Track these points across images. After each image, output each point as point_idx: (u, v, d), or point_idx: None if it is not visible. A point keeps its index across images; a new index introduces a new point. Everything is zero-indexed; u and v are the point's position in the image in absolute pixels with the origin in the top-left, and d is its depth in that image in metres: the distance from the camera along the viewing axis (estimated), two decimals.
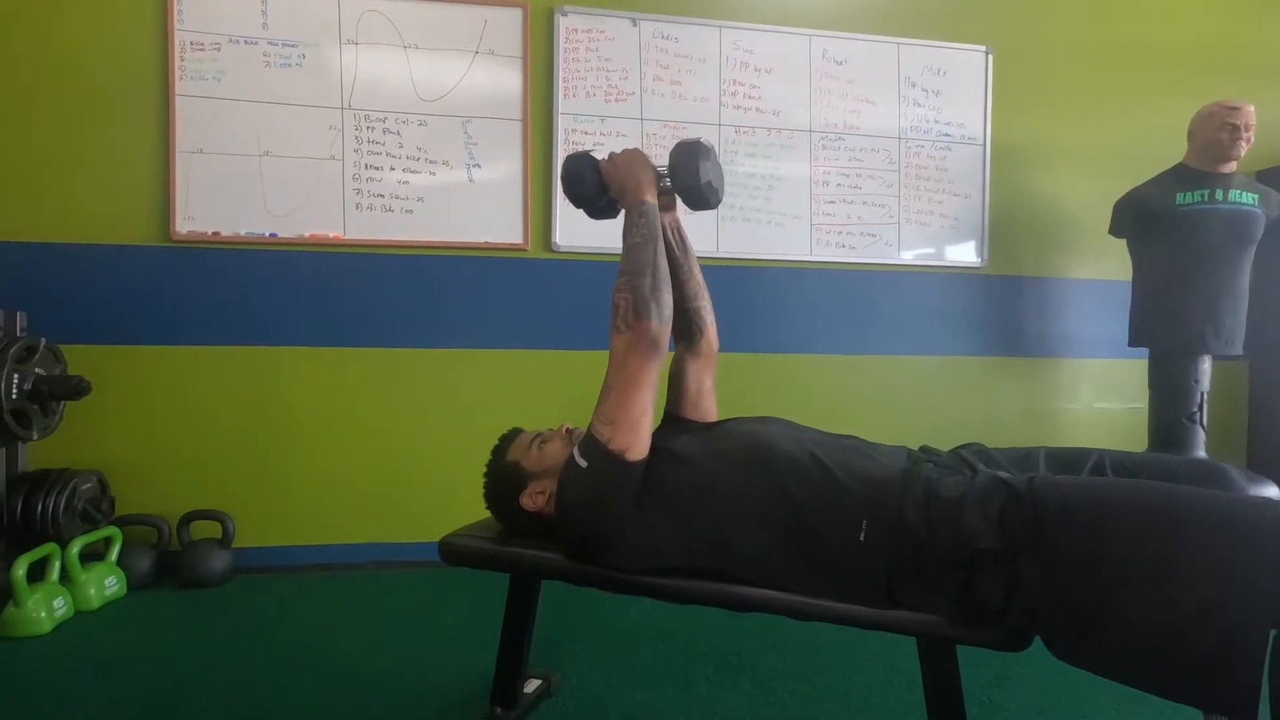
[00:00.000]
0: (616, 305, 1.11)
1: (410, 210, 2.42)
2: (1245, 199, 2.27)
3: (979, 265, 2.79)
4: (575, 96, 2.51)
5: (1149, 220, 2.34)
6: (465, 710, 1.43)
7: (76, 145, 2.26)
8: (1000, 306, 2.83)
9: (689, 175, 1.21)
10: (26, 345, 1.98)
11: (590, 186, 1.27)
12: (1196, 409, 2.25)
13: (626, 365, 1.09)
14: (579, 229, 2.44)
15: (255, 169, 2.33)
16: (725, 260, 2.58)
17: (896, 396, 2.74)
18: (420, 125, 2.42)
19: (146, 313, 2.29)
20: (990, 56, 2.76)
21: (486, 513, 1.29)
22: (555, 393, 2.43)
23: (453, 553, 1.24)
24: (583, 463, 1.09)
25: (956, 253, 2.78)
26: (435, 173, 2.43)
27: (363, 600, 2.09)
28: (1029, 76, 2.80)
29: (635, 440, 1.08)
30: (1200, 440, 2.25)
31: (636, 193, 1.20)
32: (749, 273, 2.62)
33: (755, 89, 2.62)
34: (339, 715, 1.43)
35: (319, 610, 2.00)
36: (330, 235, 2.38)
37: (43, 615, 1.81)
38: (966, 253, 2.79)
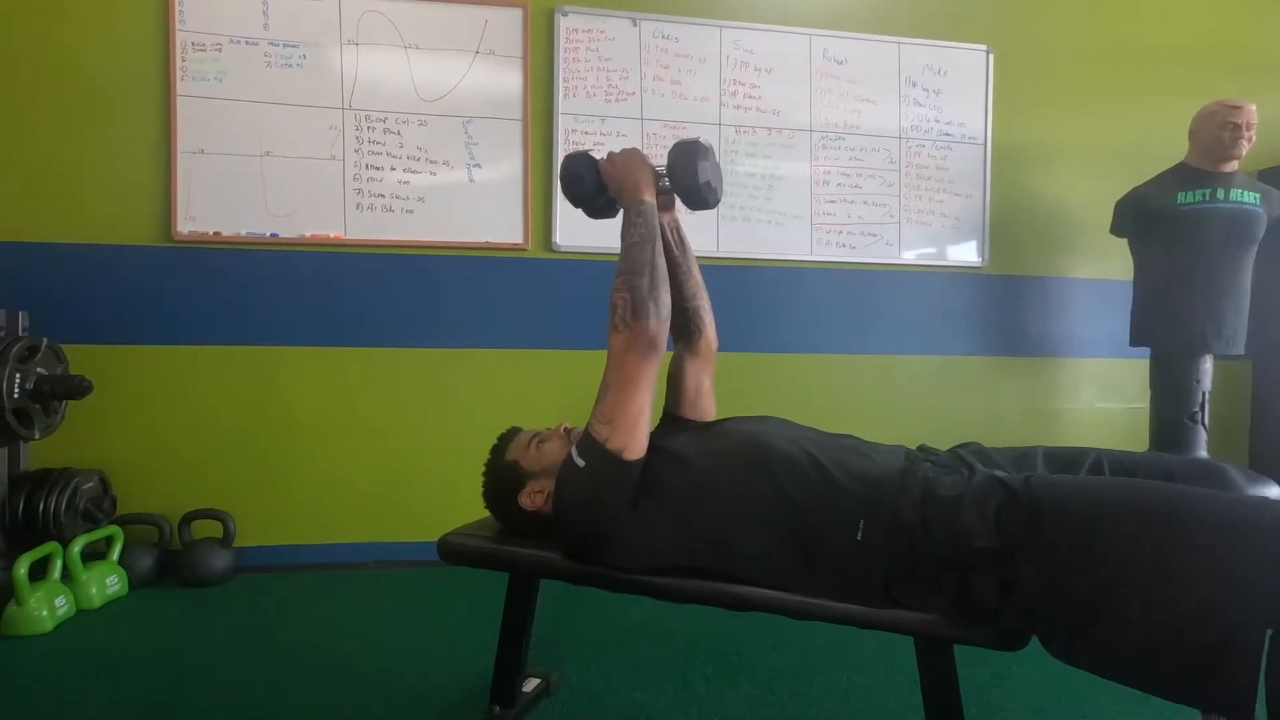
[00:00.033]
0: (614, 305, 1.11)
1: (411, 210, 2.42)
2: (1247, 198, 2.26)
3: (980, 265, 2.79)
4: (575, 96, 2.51)
5: (1150, 220, 2.33)
6: (465, 710, 1.43)
7: (78, 146, 2.27)
8: (1001, 306, 2.83)
9: (687, 175, 1.21)
10: (29, 345, 1.99)
11: (589, 186, 1.27)
12: (1198, 409, 2.25)
13: (624, 364, 1.09)
14: (579, 229, 2.44)
15: (256, 169, 2.33)
16: (725, 260, 2.58)
17: (897, 396, 2.74)
18: (421, 125, 2.42)
19: (148, 312, 2.30)
20: (991, 56, 2.76)
21: (487, 512, 1.29)
22: (555, 393, 2.43)
23: (451, 551, 1.24)
24: (580, 462, 1.09)
25: (957, 252, 2.78)
26: (436, 173, 2.43)
27: (363, 599, 2.09)
28: (1030, 76, 2.79)
29: (633, 439, 1.08)
30: (1202, 440, 2.24)
31: (635, 192, 1.20)
32: (749, 272, 2.62)
33: (755, 89, 2.62)
34: (339, 714, 1.43)
35: (319, 609, 2.01)
36: (331, 235, 2.38)
37: (44, 614, 1.81)
38: (967, 252, 2.79)
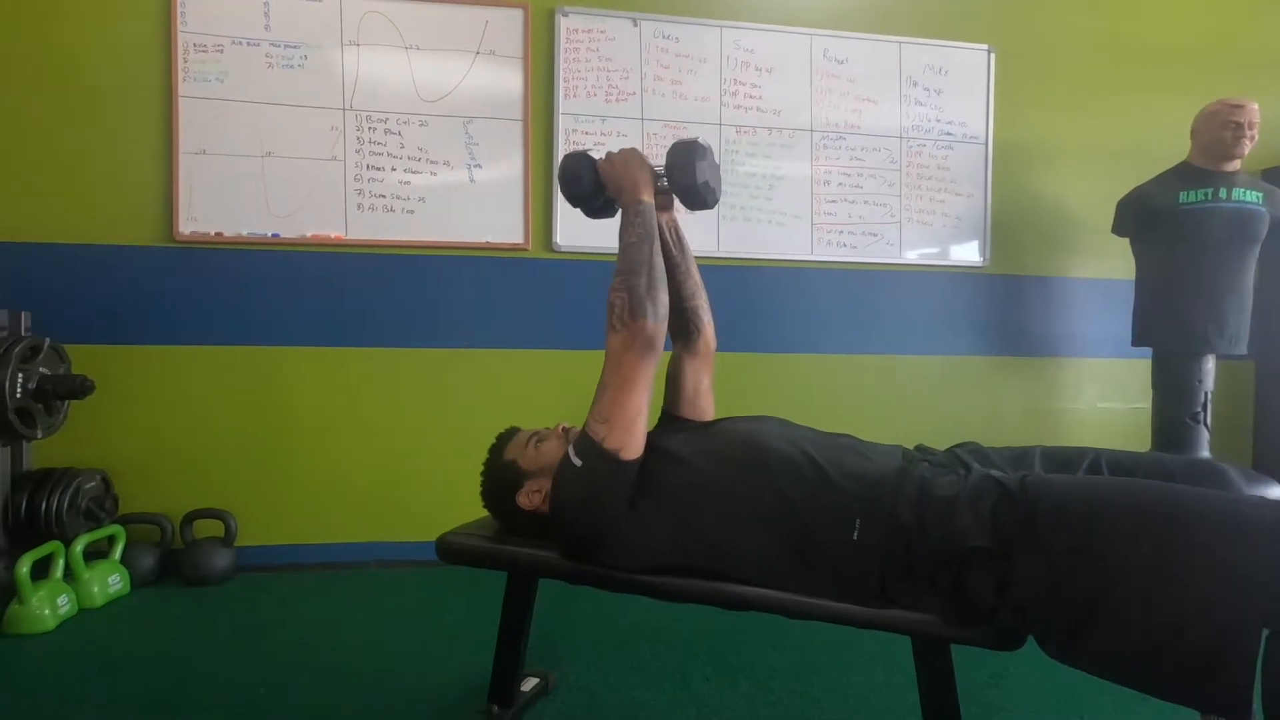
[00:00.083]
0: (612, 304, 1.11)
1: (411, 210, 2.43)
2: (1249, 197, 2.25)
3: (981, 264, 2.78)
4: (576, 97, 2.51)
5: (1152, 219, 2.33)
6: (464, 709, 1.44)
7: (80, 146, 2.27)
8: (1003, 306, 2.82)
9: (686, 175, 1.22)
10: (31, 345, 2.00)
11: (587, 186, 1.28)
12: (1200, 409, 2.24)
13: (622, 364, 1.09)
14: (580, 229, 2.44)
15: (257, 170, 2.34)
16: (726, 260, 2.58)
17: (898, 396, 2.74)
18: (421, 126, 2.43)
19: (150, 313, 2.31)
20: (992, 55, 2.75)
21: (486, 512, 1.30)
22: (555, 393, 2.43)
23: (450, 551, 1.24)
24: (578, 461, 1.09)
25: (959, 252, 2.77)
26: (436, 173, 2.44)
27: (363, 599, 2.10)
28: (1031, 75, 2.79)
29: (630, 439, 1.08)
30: (1204, 441, 2.23)
31: (633, 192, 1.20)
32: (749, 272, 2.62)
33: (756, 88, 2.62)
34: (339, 713, 1.44)
35: (320, 609, 2.01)
36: (332, 235, 2.38)
37: (46, 613, 1.82)
38: (969, 252, 2.78)
